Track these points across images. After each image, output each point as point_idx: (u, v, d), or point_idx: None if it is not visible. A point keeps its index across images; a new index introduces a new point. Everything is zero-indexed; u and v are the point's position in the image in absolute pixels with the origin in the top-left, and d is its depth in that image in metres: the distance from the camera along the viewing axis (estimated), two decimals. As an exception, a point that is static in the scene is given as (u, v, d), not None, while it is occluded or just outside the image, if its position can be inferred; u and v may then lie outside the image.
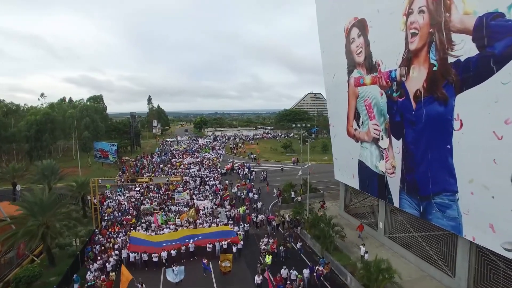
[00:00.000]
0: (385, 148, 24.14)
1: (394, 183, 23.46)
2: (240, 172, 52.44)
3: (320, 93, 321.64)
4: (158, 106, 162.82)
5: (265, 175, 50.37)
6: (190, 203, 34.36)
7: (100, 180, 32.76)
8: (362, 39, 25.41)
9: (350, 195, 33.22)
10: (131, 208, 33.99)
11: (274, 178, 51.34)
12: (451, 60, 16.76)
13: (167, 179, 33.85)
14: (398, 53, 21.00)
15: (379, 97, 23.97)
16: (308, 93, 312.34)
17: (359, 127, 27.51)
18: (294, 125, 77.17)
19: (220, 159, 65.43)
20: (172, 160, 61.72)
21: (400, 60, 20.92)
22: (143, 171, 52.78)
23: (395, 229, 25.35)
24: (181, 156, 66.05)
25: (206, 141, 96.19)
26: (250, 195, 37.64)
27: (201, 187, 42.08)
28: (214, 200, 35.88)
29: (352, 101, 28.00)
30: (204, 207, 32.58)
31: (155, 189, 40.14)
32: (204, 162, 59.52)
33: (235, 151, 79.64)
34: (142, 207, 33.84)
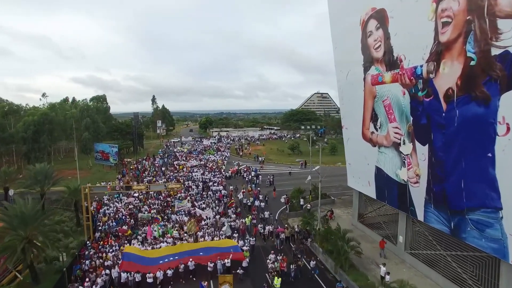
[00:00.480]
0: (407, 154, 21.43)
1: (418, 194, 20.76)
2: (246, 175, 49.89)
3: (327, 93, 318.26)
4: (163, 106, 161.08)
5: (271, 179, 47.76)
6: (192, 211, 31.88)
7: (90, 185, 30.32)
8: (381, 32, 22.72)
9: (364, 203, 30.54)
10: (127, 216, 31.58)
11: (281, 182, 48.73)
12: (495, 52, 14.05)
13: (164, 186, 31.14)
14: (425, 46, 18.30)
15: (401, 97, 21.27)
16: (315, 93, 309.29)
17: (377, 130, 24.83)
18: (303, 127, 74.79)
19: (225, 161, 62.96)
20: (175, 162, 59.39)
21: (428, 55, 18.22)
22: (144, 174, 50.47)
23: (418, 245, 22.61)
24: (184, 158, 63.74)
25: (211, 142, 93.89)
26: (257, 202, 35.01)
27: (203, 193, 39.61)
28: (217, 208, 33.33)
29: (369, 101, 25.32)
30: (206, 216, 30.05)
31: (154, 195, 37.75)
32: (208, 164, 57.10)
33: (240, 153, 77.15)
34: (140, 215, 31.43)
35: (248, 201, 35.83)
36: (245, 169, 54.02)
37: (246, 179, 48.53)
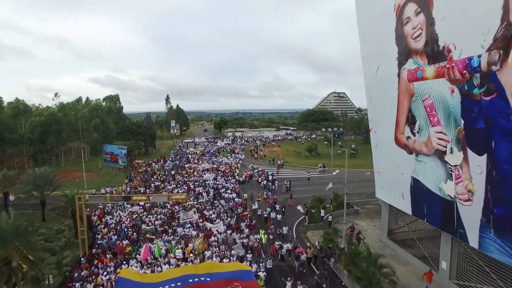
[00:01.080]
0: (455, 165, 17.59)
1: (470, 214, 16.89)
2: (261, 180, 46.38)
3: (344, 92, 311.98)
4: (177, 105, 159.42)
5: (288, 185, 44.22)
6: (201, 224, 28.61)
7: (88, 195, 27.47)
8: (422, 17, 18.93)
9: (395, 216, 26.71)
10: (129, 228, 28.59)
11: (298, 188, 45.13)
12: None
13: (168, 197, 27.74)
14: (486, 30, 14.45)
15: (448, 96, 17.45)
16: (332, 92, 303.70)
17: (414, 135, 21.02)
18: (324, 129, 70.84)
19: (239, 164, 59.61)
20: (186, 165, 56.43)
21: (490, 41, 14.34)
22: (152, 178, 47.63)
23: (469, 276, 18.72)
24: (196, 161, 60.81)
25: (225, 143, 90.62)
26: (273, 215, 31.41)
27: (215, 201, 36.37)
28: (229, 220, 29.96)
29: (405, 100, 21.52)
30: (217, 230, 26.70)
31: (161, 203, 34.73)
32: (220, 168, 53.85)
33: (255, 155, 73.75)
34: (143, 227, 28.43)
35: (264, 213, 32.27)
36: (260, 173, 50.62)
37: (261, 185, 45.13)
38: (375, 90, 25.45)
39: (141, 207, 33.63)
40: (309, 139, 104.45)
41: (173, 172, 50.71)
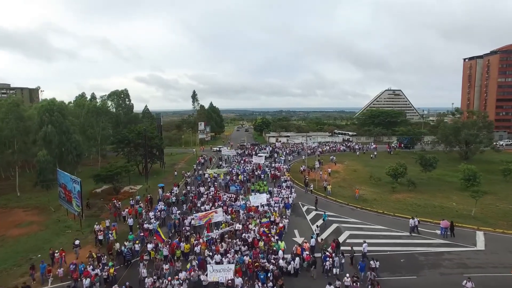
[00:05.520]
0: None
1: None
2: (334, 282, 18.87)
3: (400, 90, 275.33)
4: (211, 103, 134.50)
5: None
6: None
7: None
8: None
9: None
10: None
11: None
12: None
13: None
14: None
15: None
16: (386, 90, 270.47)
17: None
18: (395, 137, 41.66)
19: (286, 220, 30.47)
20: (187, 221, 29.56)
21: None
22: (102, 262, 21.20)
23: None
24: (209, 205, 33.77)
25: (263, 156, 60.65)
26: None
27: None
28: None
29: None
30: None
31: None
32: (249, 231, 26.76)
33: (309, 184, 44.75)
34: None
35: None
36: (327, 246, 23.26)
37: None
38: None
39: None
40: (375, 153, 72.93)
41: (149, 246, 24.17)
